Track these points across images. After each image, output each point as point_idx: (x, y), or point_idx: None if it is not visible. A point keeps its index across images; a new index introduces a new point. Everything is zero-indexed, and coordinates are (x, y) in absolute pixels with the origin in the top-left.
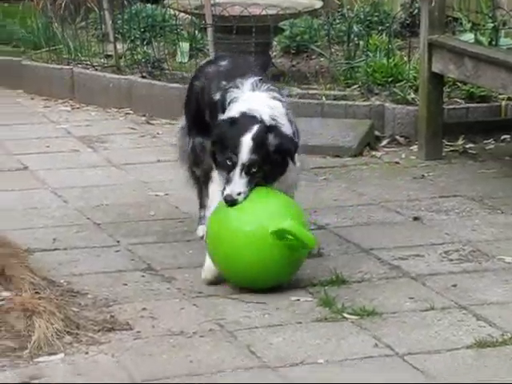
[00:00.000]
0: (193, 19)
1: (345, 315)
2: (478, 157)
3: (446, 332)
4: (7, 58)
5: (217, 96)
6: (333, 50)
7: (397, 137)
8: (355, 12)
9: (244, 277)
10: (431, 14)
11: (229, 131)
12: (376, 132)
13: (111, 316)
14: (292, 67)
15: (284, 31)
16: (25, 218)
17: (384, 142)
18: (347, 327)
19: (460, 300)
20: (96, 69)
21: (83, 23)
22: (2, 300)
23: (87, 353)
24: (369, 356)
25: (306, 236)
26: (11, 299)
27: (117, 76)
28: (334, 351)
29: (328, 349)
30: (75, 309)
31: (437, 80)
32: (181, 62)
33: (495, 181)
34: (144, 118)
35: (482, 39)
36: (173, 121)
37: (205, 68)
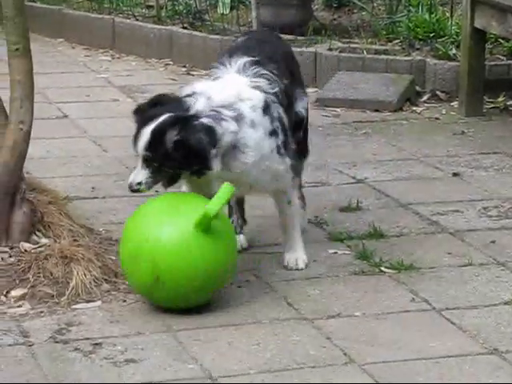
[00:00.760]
0: None
1: (382, 269)
2: None
3: (484, 288)
4: (49, 7)
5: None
6: (375, 5)
7: (437, 92)
8: None
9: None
10: None
11: (141, 115)
12: (417, 87)
13: None
14: (333, 21)
15: None
16: (64, 167)
17: (424, 98)
18: (384, 281)
19: (498, 256)
20: (137, 19)
21: None
22: (41, 247)
23: (125, 301)
24: (406, 310)
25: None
26: (50, 246)
27: (158, 26)
28: (371, 305)
29: (365, 302)
30: (113, 257)
31: (479, 36)
32: (222, 14)
33: None
34: (184, 69)
35: None
36: None
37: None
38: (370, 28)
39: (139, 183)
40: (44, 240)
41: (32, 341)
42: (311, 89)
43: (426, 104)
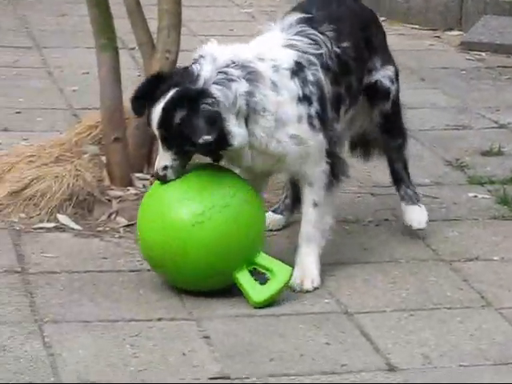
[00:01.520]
0: None
1: None
2: None
3: None
4: None
5: None
6: None
7: None
8: None
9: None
10: None
11: (152, 92)
12: None
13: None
14: None
15: None
16: None
17: None
18: None
19: None
20: None
21: None
22: None
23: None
24: None
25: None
26: None
27: None
28: (510, 250)
29: (504, 246)
30: None
31: None
32: None
33: None
34: None
35: None
36: None
37: None
38: None
39: (165, 167)
40: None
41: None
42: (456, 32)
43: None
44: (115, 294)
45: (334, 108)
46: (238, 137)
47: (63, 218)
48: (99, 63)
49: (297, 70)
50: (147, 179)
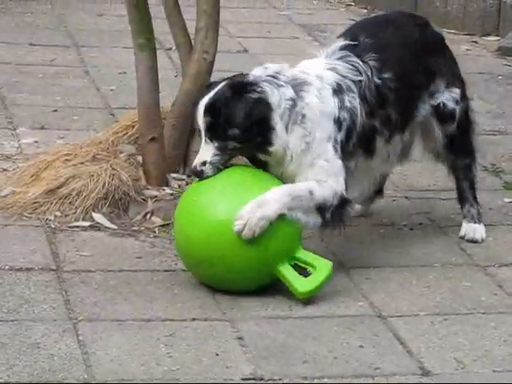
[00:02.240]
0: None
1: None
2: None
3: None
4: None
5: None
6: None
7: None
8: None
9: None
10: None
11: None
12: None
13: None
14: None
15: None
16: None
17: None
18: None
19: None
20: None
21: None
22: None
23: None
24: None
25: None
26: None
27: None
28: None
29: None
30: None
31: None
32: None
33: None
34: (365, 11)
35: None
36: None
37: None
38: None
39: (204, 163)
40: None
41: None
42: (493, 37)
43: None
44: (150, 294)
45: (366, 139)
46: (280, 139)
47: (98, 217)
48: (137, 63)
49: (337, 91)
50: (183, 179)
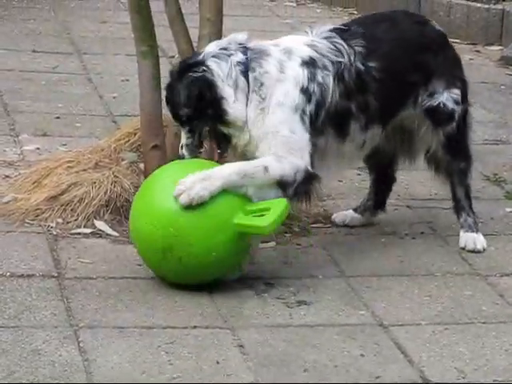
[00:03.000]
0: None
1: None
2: None
3: None
4: None
5: None
6: None
7: None
8: None
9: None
10: None
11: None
12: None
13: (324, 210)
14: None
15: None
16: None
17: None
18: None
19: None
20: None
21: None
22: None
23: (299, 244)
24: None
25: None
26: None
27: None
28: None
29: None
30: None
31: None
32: None
33: None
34: None
35: None
36: None
37: None
38: None
39: (181, 146)
40: None
41: None
42: (496, 46)
43: None
44: (151, 301)
45: (338, 121)
46: (234, 107)
47: (100, 224)
48: (139, 70)
49: (309, 64)
50: None
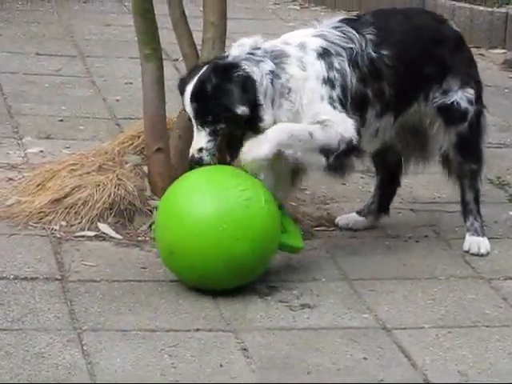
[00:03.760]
0: None
1: None
2: None
3: None
4: None
5: None
6: None
7: None
8: None
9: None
10: None
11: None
12: None
13: (328, 213)
14: None
15: None
16: None
17: None
18: None
19: None
20: None
21: None
22: None
23: None
24: None
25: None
26: None
27: None
28: None
29: None
30: (293, 203)
31: None
32: None
33: None
34: None
35: None
36: None
37: None
38: None
39: (200, 149)
40: None
41: None
42: (499, 50)
43: None
44: (154, 304)
45: (358, 106)
46: (268, 114)
47: (104, 227)
48: (143, 73)
49: (323, 54)
50: None
